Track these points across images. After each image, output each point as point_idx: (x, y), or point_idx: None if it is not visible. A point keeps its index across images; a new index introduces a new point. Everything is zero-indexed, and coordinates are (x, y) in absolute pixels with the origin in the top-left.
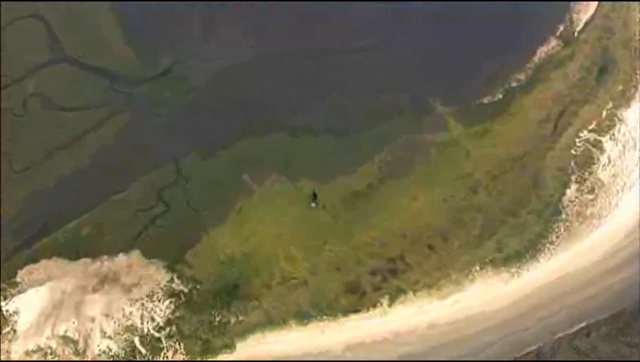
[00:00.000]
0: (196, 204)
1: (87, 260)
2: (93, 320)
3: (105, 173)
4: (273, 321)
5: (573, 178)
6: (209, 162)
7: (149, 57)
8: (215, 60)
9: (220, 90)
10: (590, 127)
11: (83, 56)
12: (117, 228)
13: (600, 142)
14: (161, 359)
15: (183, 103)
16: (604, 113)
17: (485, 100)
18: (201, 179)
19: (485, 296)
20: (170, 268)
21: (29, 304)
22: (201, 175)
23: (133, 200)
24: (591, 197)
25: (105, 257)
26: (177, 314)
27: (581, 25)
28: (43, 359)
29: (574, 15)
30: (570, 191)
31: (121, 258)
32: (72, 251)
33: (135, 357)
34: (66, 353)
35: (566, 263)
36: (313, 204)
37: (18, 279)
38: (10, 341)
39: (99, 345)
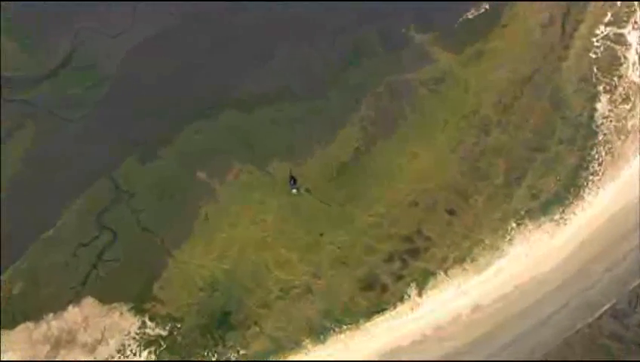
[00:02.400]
0: (149, 223)
1: (29, 324)
2: None
3: (23, 208)
4: (283, 346)
5: (600, 88)
6: (151, 166)
7: (40, 48)
8: (124, 35)
9: (140, 73)
10: (606, 20)
11: None
12: (56, 274)
13: (622, 35)
14: None
15: (98, 99)
16: None
17: (470, 15)
18: (146, 189)
19: (531, 256)
20: (138, 310)
21: None
22: (146, 185)
23: (68, 236)
24: (628, 106)
25: (50, 315)
26: None
27: None
28: None
29: None
30: (602, 105)
31: (72, 311)
32: (7, 317)
33: None
34: None
35: (618, 195)
36: (294, 190)
37: None
38: None
39: None
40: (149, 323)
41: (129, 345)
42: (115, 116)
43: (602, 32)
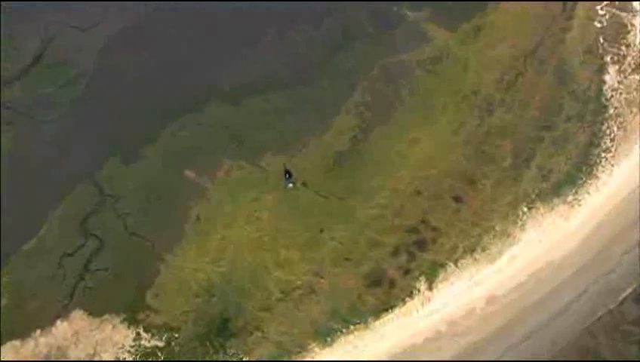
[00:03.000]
0: (137, 228)
1: (15, 342)
2: None
3: (1, 218)
4: (288, 350)
5: (607, 58)
6: (135, 167)
7: (7, 44)
8: (97, 28)
9: (117, 68)
10: None
11: None
12: (41, 288)
13: (627, 2)
14: None
15: (74, 98)
16: None
17: None
18: (132, 192)
19: (546, 241)
20: (132, 321)
21: None
22: (131, 187)
23: (51, 245)
24: (638, 77)
25: (38, 332)
26: None
27: None
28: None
29: None
30: (610, 77)
31: (61, 326)
32: None
33: None
34: None
35: (633, 172)
36: (290, 185)
37: None
38: None
39: None
40: (144, 334)
41: (124, 359)
42: (94, 115)
43: None
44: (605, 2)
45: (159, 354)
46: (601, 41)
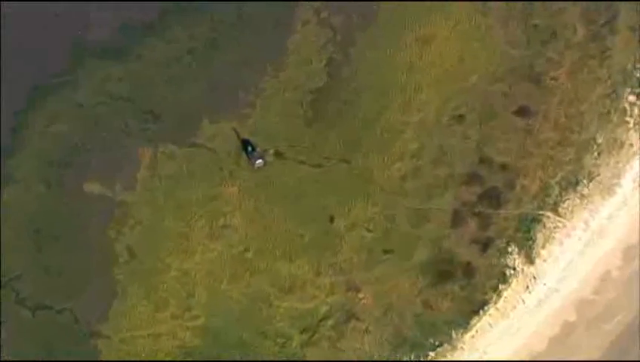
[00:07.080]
0: (39, 295)
1: None
2: None
3: None
4: None
5: None
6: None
7: None
8: None
9: None
10: None
11: None
12: None
13: None
14: None
15: None
16: None
17: None
18: (7, 242)
19: None
20: None
21: None
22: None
23: None
24: None
25: None
26: None
27: None
28: None
29: None
30: None
31: None
32: None
33: None
34: None
35: None
36: (258, 161)
37: None
38: None
39: None
40: None
41: None
42: None
43: None
44: None
45: None
46: None
